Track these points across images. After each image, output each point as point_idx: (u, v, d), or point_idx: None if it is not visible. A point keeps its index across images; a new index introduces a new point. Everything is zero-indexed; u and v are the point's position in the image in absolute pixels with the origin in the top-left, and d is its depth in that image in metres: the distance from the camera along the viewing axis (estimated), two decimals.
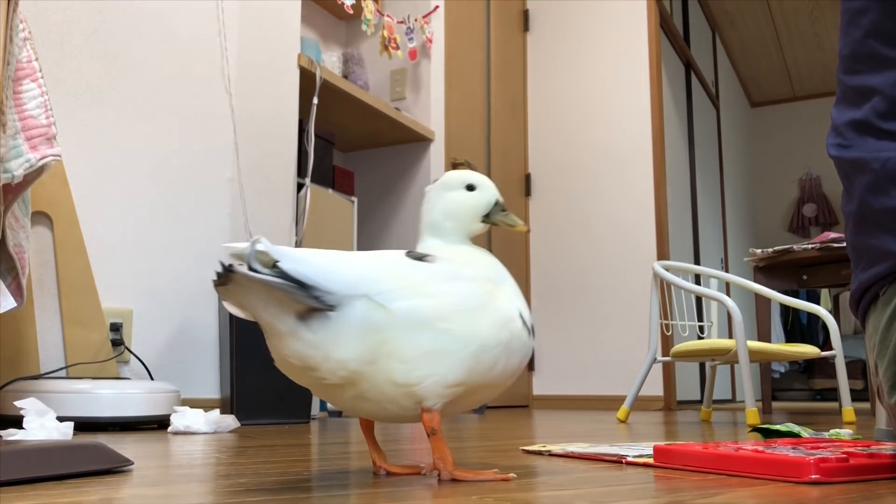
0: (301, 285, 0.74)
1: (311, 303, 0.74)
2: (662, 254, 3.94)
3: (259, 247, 0.73)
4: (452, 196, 0.96)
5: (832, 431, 1.50)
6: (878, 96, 0.82)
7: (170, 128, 2.39)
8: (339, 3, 3.06)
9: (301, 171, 2.80)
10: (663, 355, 2.77)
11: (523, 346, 0.87)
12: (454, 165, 3.63)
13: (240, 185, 2.56)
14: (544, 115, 4.37)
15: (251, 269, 0.72)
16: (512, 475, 0.86)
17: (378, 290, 0.78)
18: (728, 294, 4.23)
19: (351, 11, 3.13)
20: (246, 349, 2.15)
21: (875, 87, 0.82)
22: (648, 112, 4.08)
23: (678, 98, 4.79)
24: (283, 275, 0.73)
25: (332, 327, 0.76)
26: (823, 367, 6.45)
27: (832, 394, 6.33)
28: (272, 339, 0.79)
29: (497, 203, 0.97)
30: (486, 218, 0.96)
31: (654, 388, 3.78)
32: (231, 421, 1.83)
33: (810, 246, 3.20)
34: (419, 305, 0.79)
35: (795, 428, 1.55)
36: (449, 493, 0.75)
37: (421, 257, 0.86)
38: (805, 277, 3.34)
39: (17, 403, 1.43)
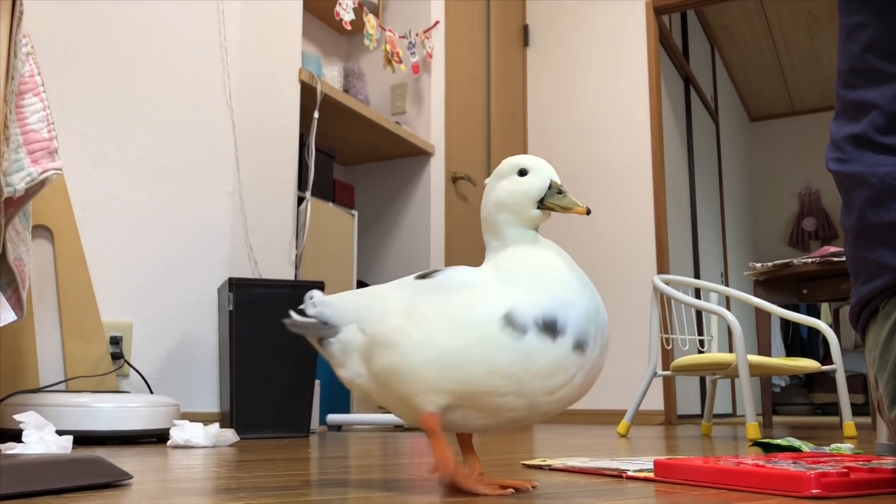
0: (323, 322, 0.94)
1: (319, 333, 0.94)
2: (662, 268, 3.95)
3: (311, 299, 0.96)
4: (504, 185, 0.89)
5: (833, 446, 1.50)
6: (876, 111, 0.82)
7: (171, 141, 2.40)
8: (338, 19, 3.08)
9: (301, 185, 2.80)
10: (663, 369, 2.76)
11: (511, 350, 0.79)
12: (454, 180, 3.64)
13: (240, 199, 2.56)
14: (544, 130, 4.38)
15: (303, 313, 0.96)
16: (530, 485, 0.90)
17: (362, 317, 0.91)
18: (728, 308, 4.23)
19: (349, 28, 3.15)
20: (246, 363, 2.15)
21: (873, 101, 0.83)
22: (648, 126, 4.09)
23: (678, 112, 4.81)
24: (313, 315, 0.95)
25: (333, 350, 0.93)
26: (824, 382, 6.43)
27: (833, 408, 6.31)
28: None
29: (552, 186, 0.88)
30: (542, 203, 0.88)
31: (655, 402, 3.77)
32: (230, 435, 1.83)
33: (810, 260, 3.20)
34: (382, 326, 0.87)
35: (796, 442, 1.54)
36: None
37: (425, 275, 0.90)
38: (805, 291, 3.34)
39: (17, 417, 1.43)
